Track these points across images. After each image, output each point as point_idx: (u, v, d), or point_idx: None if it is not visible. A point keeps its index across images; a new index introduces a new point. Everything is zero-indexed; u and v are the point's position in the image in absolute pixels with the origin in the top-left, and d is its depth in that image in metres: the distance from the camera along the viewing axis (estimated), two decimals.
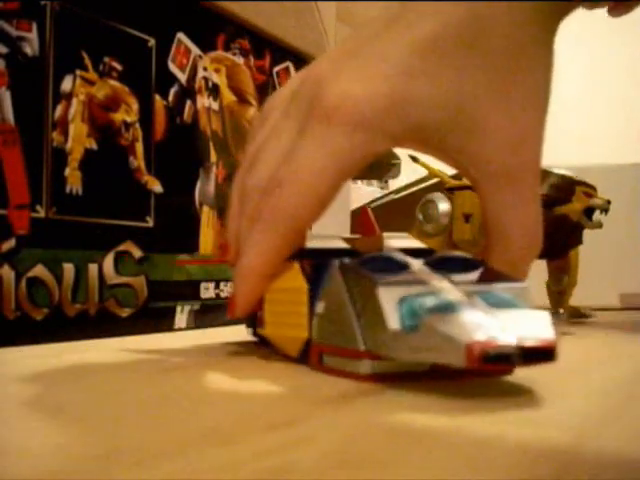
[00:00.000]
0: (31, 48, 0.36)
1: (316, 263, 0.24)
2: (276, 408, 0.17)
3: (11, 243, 0.34)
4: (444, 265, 0.22)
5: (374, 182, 1.05)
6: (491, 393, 0.19)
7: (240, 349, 0.30)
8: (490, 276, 0.22)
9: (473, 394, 0.19)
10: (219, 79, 0.49)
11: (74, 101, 0.38)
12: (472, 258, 0.23)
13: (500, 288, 0.20)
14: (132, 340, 0.35)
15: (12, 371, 0.25)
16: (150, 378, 0.22)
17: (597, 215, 0.47)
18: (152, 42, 0.44)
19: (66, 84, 0.38)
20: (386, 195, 0.86)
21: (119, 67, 0.41)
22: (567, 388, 0.20)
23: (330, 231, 0.32)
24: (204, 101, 0.48)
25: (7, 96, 0.35)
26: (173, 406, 0.17)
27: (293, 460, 0.12)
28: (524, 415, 0.16)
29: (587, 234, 0.48)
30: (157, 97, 0.44)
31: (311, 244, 0.27)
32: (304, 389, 0.20)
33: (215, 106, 0.49)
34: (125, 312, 0.40)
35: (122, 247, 0.40)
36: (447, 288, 0.20)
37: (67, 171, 0.38)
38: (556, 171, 0.47)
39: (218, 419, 0.16)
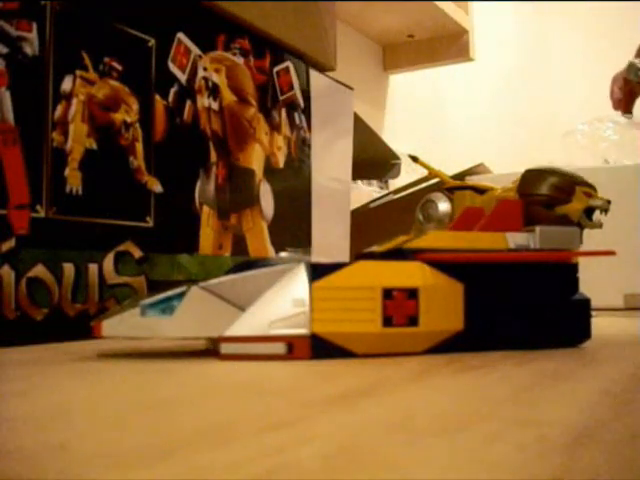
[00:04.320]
0: (31, 48, 0.36)
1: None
2: (276, 408, 0.17)
3: (11, 243, 0.34)
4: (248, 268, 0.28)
5: (374, 182, 1.05)
6: (491, 393, 0.19)
7: None
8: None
9: (472, 394, 0.19)
10: (219, 79, 0.49)
11: (74, 101, 0.38)
12: (269, 261, 0.28)
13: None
14: (132, 340, 0.35)
15: (11, 371, 0.25)
16: (149, 377, 0.22)
17: (597, 215, 0.47)
18: (152, 42, 0.44)
19: (66, 84, 0.38)
20: (386, 195, 0.86)
21: (119, 67, 0.41)
22: (567, 388, 0.20)
23: (331, 229, 0.32)
24: (204, 101, 0.48)
25: (7, 96, 0.35)
26: (173, 405, 0.17)
27: (293, 460, 0.12)
28: (524, 415, 0.16)
29: (587, 234, 0.48)
30: (157, 97, 0.44)
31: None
32: (304, 389, 0.20)
33: (215, 106, 0.49)
34: None
35: (122, 247, 0.40)
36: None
37: (67, 171, 0.38)
38: (556, 171, 0.47)
39: (217, 418, 0.16)
